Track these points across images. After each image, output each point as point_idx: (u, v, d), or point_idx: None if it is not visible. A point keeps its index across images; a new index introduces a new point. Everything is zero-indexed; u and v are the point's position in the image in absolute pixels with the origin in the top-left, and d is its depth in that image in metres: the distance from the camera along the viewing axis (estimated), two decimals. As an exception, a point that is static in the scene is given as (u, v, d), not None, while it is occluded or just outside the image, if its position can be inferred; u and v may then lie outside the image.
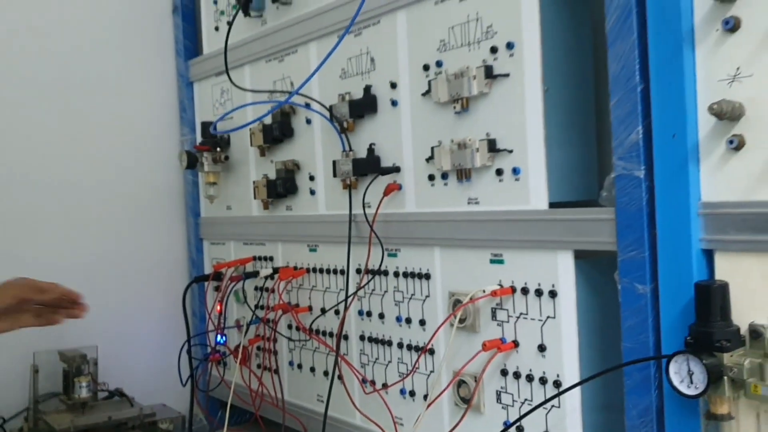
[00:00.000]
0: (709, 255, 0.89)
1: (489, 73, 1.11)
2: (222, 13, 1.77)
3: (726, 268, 0.87)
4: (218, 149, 1.75)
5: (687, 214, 0.88)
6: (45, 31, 1.81)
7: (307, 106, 1.46)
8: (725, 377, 0.82)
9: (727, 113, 0.82)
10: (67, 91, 1.84)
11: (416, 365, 1.29)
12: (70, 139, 1.84)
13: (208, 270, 1.89)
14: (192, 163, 1.75)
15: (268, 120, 1.57)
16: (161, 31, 1.96)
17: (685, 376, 0.83)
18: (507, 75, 1.10)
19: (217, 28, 1.80)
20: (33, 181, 1.79)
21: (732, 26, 0.83)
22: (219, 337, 1.68)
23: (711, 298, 0.84)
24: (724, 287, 0.85)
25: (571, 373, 1.05)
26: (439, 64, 1.21)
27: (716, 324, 0.84)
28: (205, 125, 1.77)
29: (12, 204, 1.74)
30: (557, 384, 1.07)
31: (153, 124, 1.97)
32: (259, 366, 1.67)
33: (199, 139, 1.83)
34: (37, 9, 1.80)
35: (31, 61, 1.79)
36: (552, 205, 1.08)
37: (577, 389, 1.03)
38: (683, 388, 0.84)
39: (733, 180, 0.85)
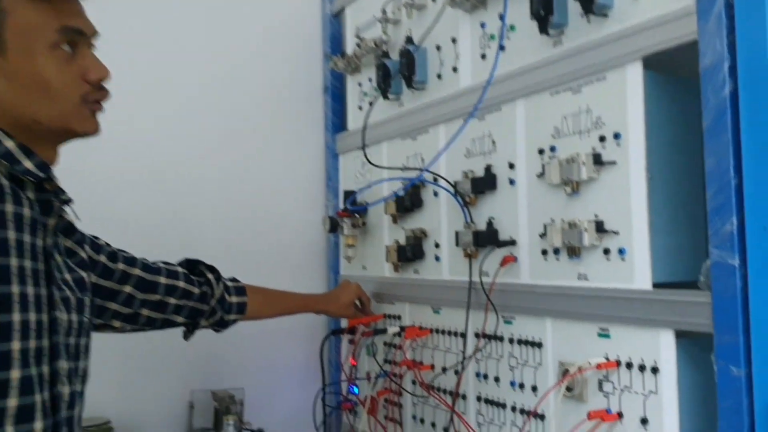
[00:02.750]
0: (803, 344, 0.92)
1: (597, 161, 1.21)
2: (365, 94, 1.98)
3: (819, 357, 0.90)
4: (357, 215, 1.94)
5: (779, 304, 0.92)
6: (218, 106, 2.10)
7: (435, 181, 1.61)
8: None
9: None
10: (231, 156, 2.11)
11: (527, 428, 1.36)
12: (229, 198, 2.10)
13: (343, 323, 2.06)
14: (334, 227, 1.95)
15: (400, 191, 1.74)
16: (313, 107, 2.21)
17: (771, 460, 0.87)
18: (614, 163, 1.19)
19: (360, 108, 2.01)
20: (194, 239, 2.03)
21: (820, 129, 0.88)
22: (352, 387, 1.84)
23: (799, 387, 0.88)
24: (812, 377, 0.88)
25: (671, 448, 1.10)
26: (552, 149, 1.31)
27: (804, 412, 0.87)
28: (347, 193, 1.96)
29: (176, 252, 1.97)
30: (658, 458, 1.11)
31: (302, 190, 2.20)
32: (385, 417, 1.80)
33: (341, 205, 2.03)
34: (213, 89, 2.11)
35: (202, 130, 2.07)
36: (656, 285, 1.14)
37: (677, 465, 1.07)
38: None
39: (824, 273, 0.89)
